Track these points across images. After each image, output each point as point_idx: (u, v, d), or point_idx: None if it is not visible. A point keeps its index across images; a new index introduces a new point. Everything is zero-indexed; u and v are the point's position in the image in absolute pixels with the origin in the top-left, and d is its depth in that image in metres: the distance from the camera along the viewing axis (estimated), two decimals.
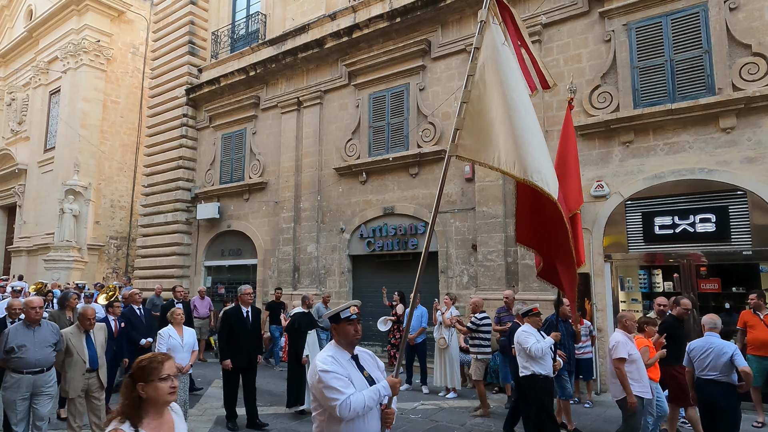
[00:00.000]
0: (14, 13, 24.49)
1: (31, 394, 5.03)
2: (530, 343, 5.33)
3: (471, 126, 3.12)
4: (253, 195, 13.79)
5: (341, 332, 2.88)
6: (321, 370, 2.67)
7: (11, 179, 22.49)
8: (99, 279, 17.89)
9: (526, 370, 5.43)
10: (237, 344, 6.56)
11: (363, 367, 2.88)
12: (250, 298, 6.85)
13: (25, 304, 5.26)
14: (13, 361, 4.98)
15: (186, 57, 15.55)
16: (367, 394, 2.66)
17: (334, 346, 2.89)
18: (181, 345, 6.04)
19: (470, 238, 9.95)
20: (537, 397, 5.35)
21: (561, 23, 9.29)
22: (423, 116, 10.81)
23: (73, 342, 5.32)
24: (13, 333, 5.07)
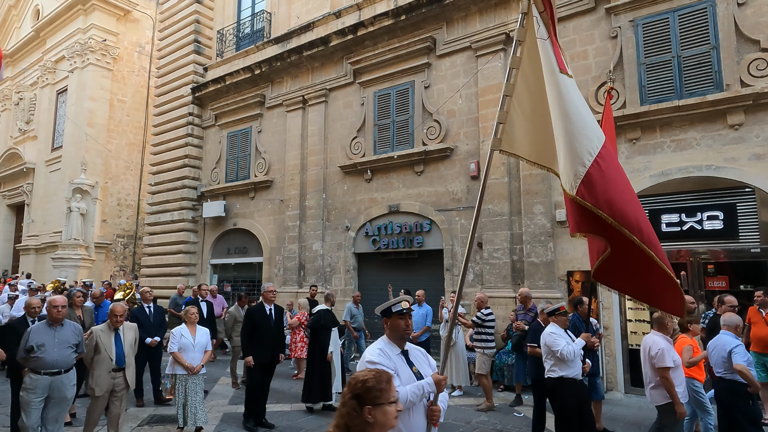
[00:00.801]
0: (21, 13, 24.65)
1: (46, 396, 4.89)
2: (561, 345, 5.02)
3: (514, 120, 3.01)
4: (259, 193, 13.83)
5: (392, 326, 2.89)
6: (368, 361, 2.70)
7: (19, 178, 22.68)
8: (106, 277, 18.00)
9: (554, 373, 5.15)
10: (260, 342, 6.52)
11: (412, 362, 2.86)
12: (273, 295, 6.83)
13: (48, 303, 5.12)
14: (32, 361, 4.87)
15: (192, 56, 15.60)
16: (410, 389, 2.65)
17: (384, 339, 2.91)
18: (192, 344, 5.95)
19: (476, 235, 9.91)
20: (562, 401, 5.11)
21: (567, 20, 9.24)
22: (428, 114, 10.79)
23: (102, 339, 5.22)
24: (34, 332, 4.95)
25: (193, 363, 5.87)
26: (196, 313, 6.22)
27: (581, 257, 8.68)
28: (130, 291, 9.42)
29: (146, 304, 7.91)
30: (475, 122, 10.10)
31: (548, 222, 9.00)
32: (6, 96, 24.87)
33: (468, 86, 10.28)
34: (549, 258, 8.93)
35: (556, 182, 8.94)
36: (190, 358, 5.88)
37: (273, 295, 6.81)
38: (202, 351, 6.07)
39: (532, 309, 7.82)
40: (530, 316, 7.64)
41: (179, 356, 5.85)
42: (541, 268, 8.99)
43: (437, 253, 10.46)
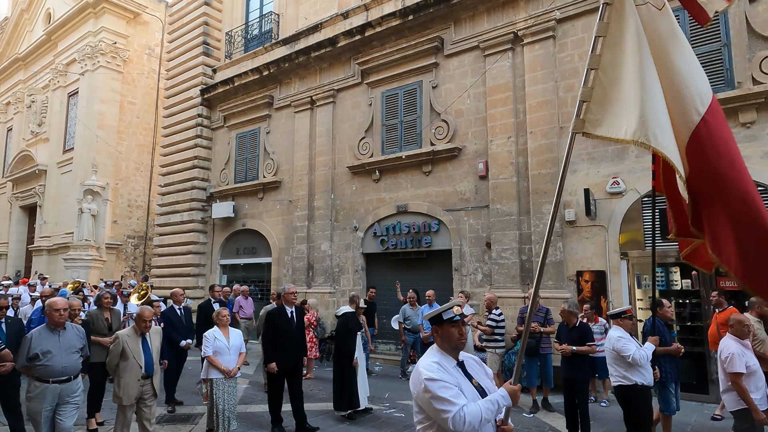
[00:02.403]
0: (33, 17, 24.95)
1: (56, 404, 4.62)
2: (632, 350, 4.75)
3: (601, 97, 2.66)
4: (268, 194, 13.89)
5: (444, 335, 2.58)
6: (427, 378, 2.39)
7: (32, 180, 22.95)
8: (117, 277, 18.17)
9: (626, 380, 4.85)
10: (282, 346, 6.25)
11: (470, 374, 2.58)
12: (294, 297, 6.53)
13: (48, 306, 4.77)
14: (38, 369, 4.53)
15: (200, 57, 15.70)
16: (484, 405, 2.36)
17: (437, 351, 2.59)
18: (227, 347, 5.71)
19: (484, 235, 9.90)
20: (639, 410, 4.82)
21: (575, 18, 9.19)
22: (436, 114, 10.78)
23: (129, 345, 4.95)
24: (36, 338, 4.60)
25: (229, 366, 5.65)
26: (227, 316, 5.96)
27: (590, 257, 8.63)
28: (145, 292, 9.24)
29: (177, 305, 7.59)
30: (484, 122, 10.08)
31: (557, 222, 8.95)
32: (18, 99, 25.18)
33: (476, 86, 10.26)
34: (558, 258, 8.88)
35: (565, 182, 8.91)
36: (225, 361, 5.66)
37: (294, 297, 6.53)
38: (237, 353, 5.83)
39: (541, 309, 7.78)
40: (540, 317, 7.61)
41: (215, 360, 5.61)
42: (550, 268, 8.94)
43: (446, 253, 10.44)
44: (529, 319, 2.79)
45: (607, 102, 2.65)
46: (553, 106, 9.21)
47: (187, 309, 7.87)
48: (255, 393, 8.24)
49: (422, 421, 2.50)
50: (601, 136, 2.68)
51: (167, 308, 7.70)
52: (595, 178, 8.69)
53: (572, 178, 8.94)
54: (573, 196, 8.88)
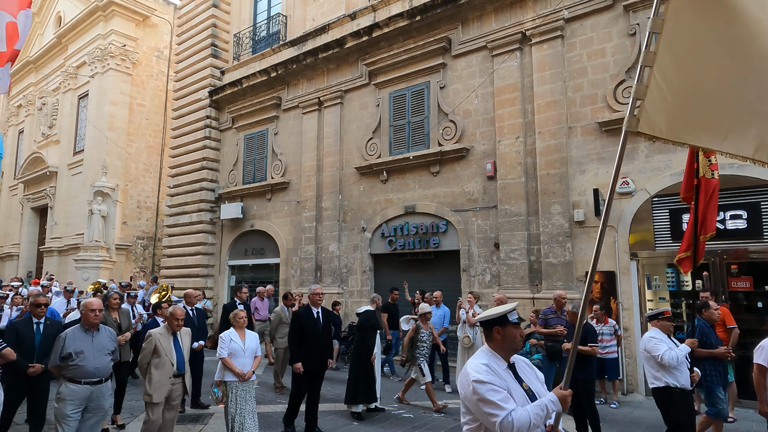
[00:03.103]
0: (44, 20, 25.22)
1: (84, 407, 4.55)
2: (662, 350, 4.67)
3: (654, 94, 2.49)
4: (276, 195, 13.94)
5: (507, 337, 2.52)
6: (475, 380, 2.36)
7: (43, 181, 23.19)
8: (126, 278, 18.30)
9: (658, 382, 4.77)
10: (308, 347, 6.19)
11: (521, 378, 2.52)
12: (320, 298, 6.46)
13: (84, 306, 4.74)
14: (70, 370, 4.49)
15: (209, 59, 15.79)
16: (533, 410, 2.31)
17: (488, 352, 2.53)
18: (242, 349, 5.58)
19: (492, 236, 9.88)
20: (674, 413, 4.71)
21: (584, 18, 9.15)
22: (444, 114, 10.76)
23: (162, 343, 4.94)
24: (70, 337, 4.56)
25: (244, 369, 5.51)
26: (244, 317, 5.85)
27: (600, 257, 8.56)
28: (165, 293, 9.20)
29: (190, 307, 7.50)
30: (491, 122, 10.05)
31: (566, 222, 8.92)
32: (29, 101, 25.46)
33: (484, 86, 10.24)
34: (567, 258, 8.84)
35: (574, 182, 8.90)
36: (240, 363, 5.51)
37: (320, 297, 6.43)
38: (253, 356, 5.68)
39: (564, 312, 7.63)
40: (564, 319, 7.46)
41: (229, 362, 5.49)
42: (559, 268, 8.90)
43: (454, 254, 10.43)
44: (580, 324, 2.56)
45: (661, 100, 2.48)
46: (561, 106, 9.17)
47: (200, 310, 7.81)
48: (264, 393, 8.26)
49: (469, 422, 2.46)
50: (654, 136, 2.54)
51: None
52: (604, 178, 8.64)
53: (581, 178, 8.90)
54: (582, 196, 8.83)
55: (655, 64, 2.51)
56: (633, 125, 2.50)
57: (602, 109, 8.76)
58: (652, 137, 2.53)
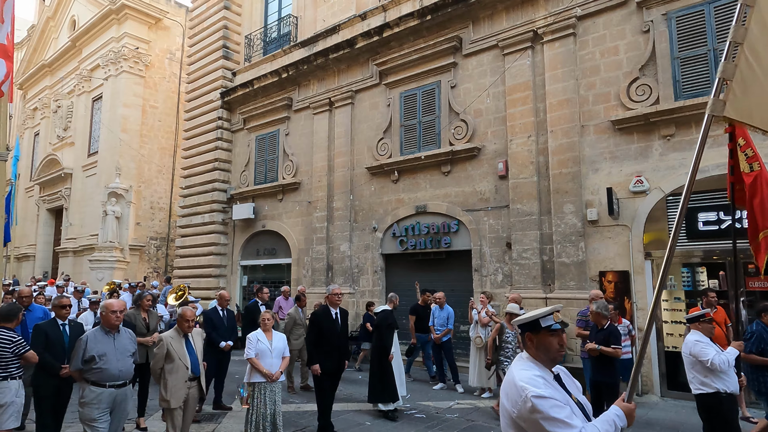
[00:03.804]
0: (59, 24, 25.57)
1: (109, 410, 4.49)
2: (711, 354, 4.48)
3: (745, 75, 2.25)
4: (287, 195, 13.99)
5: (540, 345, 2.28)
6: (535, 395, 2.08)
7: (58, 183, 23.52)
8: (140, 278, 18.49)
9: (707, 387, 4.56)
10: (326, 348, 6.11)
11: (568, 389, 2.28)
12: (339, 299, 6.37)
13: (105, 308, 4.65)
14: (94, 373, 4.41)
15: (220, 61, 15.90)
16: (602, 426, 2.11)
17: (532, 361, 2.29)
18: (269, 350, 5.53)
19: (504, 236, 9.83)
20: (723, 420, 4.55)
21: (596, 15, 9.07)
22: (455, 114, 10.73)
23: (174, 346, 4.82)
24: (92, 340, 4.47)
25: (271, 370, 5.45)
26: (271, 319, 5.81)
27: (613, 257, 8.50)
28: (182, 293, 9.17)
29: (221, 307, 7.53)
30: (503, 121, 10.00)
31: (579, 221, 8.84)
32: (45, 104, 25.84)
33: (495, 85, 10.19)
34: (580, 258, 8.76)
35: (587, 181, 8.82)
36: (267, 364, 5.46)
37: (339, 298, 6.34)
38: (280, 357, 5.63)
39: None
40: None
41: (257, 363, 5.44)
42: (572, 268, 8.83)
43: (465, 254, 10.39)
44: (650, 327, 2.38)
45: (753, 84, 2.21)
46: (574, 104, 9.10)
47: (230, 311, 7.80)
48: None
49: None
50: (743, 122, 2.25)
51: (210, 308, 7.63)
52: (617, 177, 8.56)
53: (594, 177, 8.82)
54: (595, 195, 8.76)
55: (746, 41, 2.20)
56: (718, 109, 2.22)
57: (615, 107, 8.68)
58: (740, 123, 2.20)
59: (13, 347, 4.81)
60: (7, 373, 4.80)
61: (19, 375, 4.94)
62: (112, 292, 10.75)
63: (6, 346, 4.79)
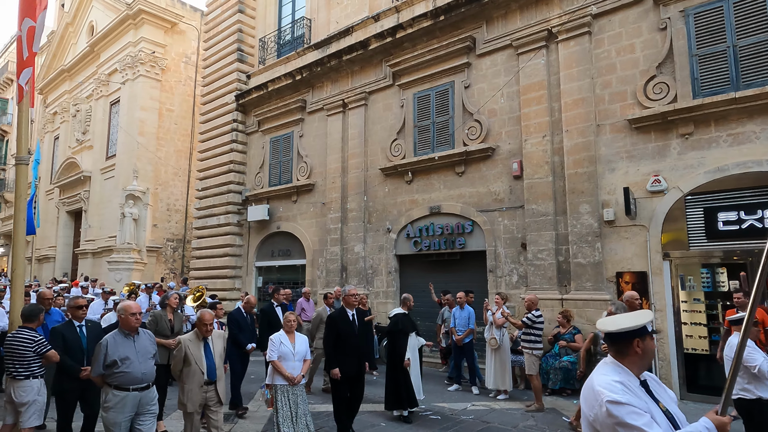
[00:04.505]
0: (77, 30, 26.04)
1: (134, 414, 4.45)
2: (759, 360, 4.33)
3: None
4: (301, 196, 14.07)
5: (647, 349, 2.18)
6: (611, 401, 2.01)
7: (77, 186, 23.93)
8: (157, 279, 18.72)
9: (749, 394, 4.42)
10: (344, 351, 5.99)
11: (656, 397, 2.16)
12: (356, 300, 6.26)
13: (124, 310, 4.56)
14: (117, 377, 4.35)
15: (235, 64, 16.05)
16: None
17: (616, 366, 2.20)
18: (292, 352, 5.42)
19: (519, 236, 9.76)
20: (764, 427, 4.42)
21: (612, 13, 8.96)
22: (469, 114, 10.69)
23: (191, 350, 4.76)
24: (112, 344, 4.40)
25: (294, 372, 5.37)
26: (294, 321, 5.70)
27: (631, 258, 8.39)
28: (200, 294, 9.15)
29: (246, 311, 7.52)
30: (517, 121, 9.94)
31: (595, 222, 8.74)
32: (64, 108, 26.32)
33: (509, 85, 10.13)
34: (596, 259, 8.67)
35: (603, 181, 8.72)
36: (290, 367, 5.38)
37: (355, 299, 6.23)
38: (302, 360, 5.53)
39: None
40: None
41: (279, 365, 5.37)
42: (588, 269, 8.74)
43: (480, 255, 10.34)
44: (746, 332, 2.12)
45: None
46: (589, 103, 9.00)
47: (253, 314, 7.79)
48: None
49: None
50: None
51: (234, 309, 7.65)
52: (634, 177, 8.44)
53: (610, 176, 8.72)
54: (612, 195, 8.65)
55: None
56: None
57: (632, 105, 8.57)
58: None
59: (34, 346, 4.92)
60: (30, 372, 4.91)
61: (41, 374, 5.04)
62: (131, 293, 10.88)
63: (28, 345, 4.90)
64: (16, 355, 4.88)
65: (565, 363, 8.31)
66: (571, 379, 8.30)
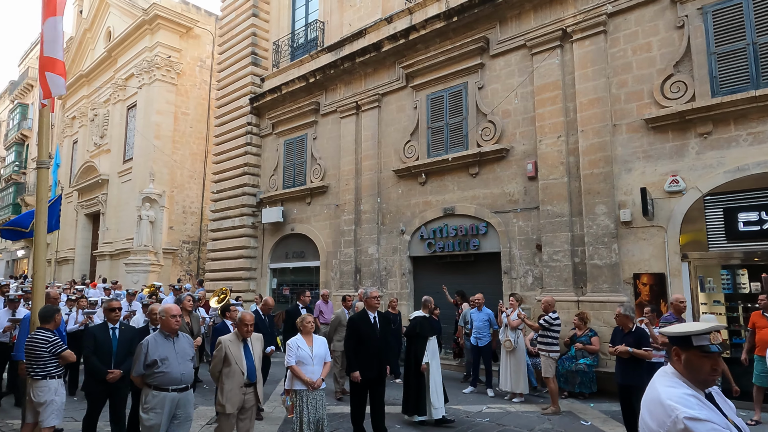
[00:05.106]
0: (95, 36, 26.50)
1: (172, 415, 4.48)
2: None
3: None
4: (315, 198, 14.12)
5: (689, 365, 2.02)
6: (688, 417, 1.84)
7: (95, 189, 24.32)
8: (173, 281, 18.93)
9: None
10: (365, 354, 5.88)
11: (723, 411, 2.00)
12: (378, 302, 6.15)
13: (165, 312, 4.63)
14: (156, 377, 4.41)
15: (249, 67, 16.19)
16: None
17: (679, 377, 2.04)
18: (310, 356, 5.31)
19: (534, 238, 9.68)
20: None
21: (628, 11, 8.86)
22: (482, 115, 10.65)
23: (231, 350, 4.75)
24: (152, 344, 4.49)
25: (313, 377, 5.24)
26: (312, 323, 5.58)
27: (648, 259, 8.27)
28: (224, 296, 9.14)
29: (264, 313, 7.50)
30: (532, 121, 9.87)
31: (612, 222, 8.64)
32: (83, 113, 26.79)
33: (523, 85, 10.07)
34: (613, 260, 8.56)
35: (620, 181, 8.62)
36: (309, 371, 5.25)
37: (377, 301, 6.11)
38: (321, 363, 5.39)
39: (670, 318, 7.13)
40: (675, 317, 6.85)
41: (298, 370, 5.25)
42: (604, 270, 8.64)
43: (494, 256, 10.28)
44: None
45: None
46: (605, 103, 8.91)
47: (271, 316, 7.75)
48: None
49: None
50: None
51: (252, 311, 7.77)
52: (651, 177, 8.33)
53: (627, 177, 8.61)
54: (628, 195, 8.55)
55: None
56: None
57: (649, 105, 8.46)
58: None
59: (50, 347, 5.02)
60: (46, 372, 5.00)
61: (58, 374, 5.13)
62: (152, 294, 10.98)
63: (43, 346, 4.99)
64: (32, 355, 4.99)
65: (582, 366, 8.22)
66: (587, 382, 8.21)
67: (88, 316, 8.50)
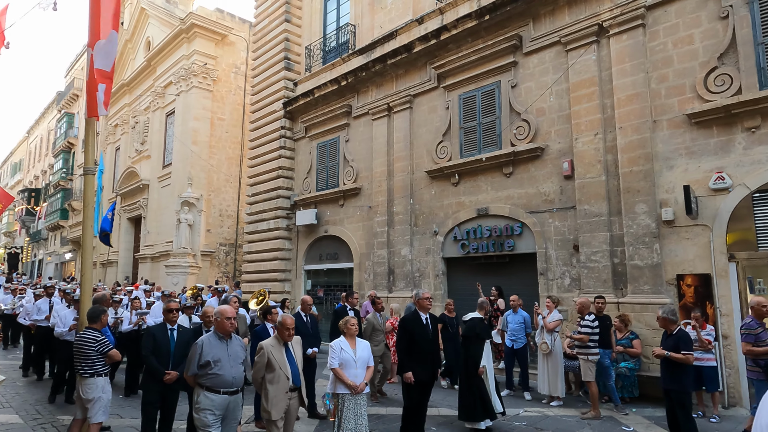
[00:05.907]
0: (135, 46, 27.48)
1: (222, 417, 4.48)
2: None
3: None
4: (348, 200, 14.22)
5: None
6: None
7: (137, 194, 25.20)
8: (211, 282, 19.40)
9: None
10: (419, 355, 5.77)
11: None
12: (430, 303, 6.08)
13: (219, 314, 4.64)
14: (209, 378, 4.41)
15: (282, 72, 16.45)
16: None
17: None
18: (354, 359, 5.18)
19: (571, 238, 9.47)
20: None
21: (668, 3, 8.56)
22: (516, 114, 10.49)
23: (274, 355, 4.63)
24: (207, 345, 4.49)
25: (356, 380, 5.11)
26: (356, 325, 5.45)
27: (692, 259, 7.96)
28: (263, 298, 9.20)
29: (304, 313, 7.45)
30: (567, 119, 9.66)
31: (653, 222, 8.36)
32: (124, 120, 27.83)
33: (558, 83, 9.87)
34: (655, 260, 8.28)
35: (661, 179, 8.34)
36: (352, 374, 5.13)
37: (429, 302, 6.05)
38: (365, 367, 5.26)
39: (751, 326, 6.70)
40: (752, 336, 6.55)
41: (341, 373, 5.13)
42: (645, 271, 8.36)
43: (530, 257, 10.10)
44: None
45: None
46: (644, 98, 8.64)
47: (313, 316, 7.73)
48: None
49: None
50: None
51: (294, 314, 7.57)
52: (695, 174, 8.02)
53: (669, 174, 8.32)
54: (671, 194, 8.25)
55: None
56: None
57: (691, 99, 8.16)
58: None
59: (97, 346, 5.23)
60: (94, 370, 5.21)
61: (105, 372, 5.35)
62: (195, 296, 11.23)
63: (92, 345, 5.21)
64: (81, 354, 5.21)
65: (623, 369, 7.98)
66: (629, 385, 7.97)
67: (141, 317, 8.78)
